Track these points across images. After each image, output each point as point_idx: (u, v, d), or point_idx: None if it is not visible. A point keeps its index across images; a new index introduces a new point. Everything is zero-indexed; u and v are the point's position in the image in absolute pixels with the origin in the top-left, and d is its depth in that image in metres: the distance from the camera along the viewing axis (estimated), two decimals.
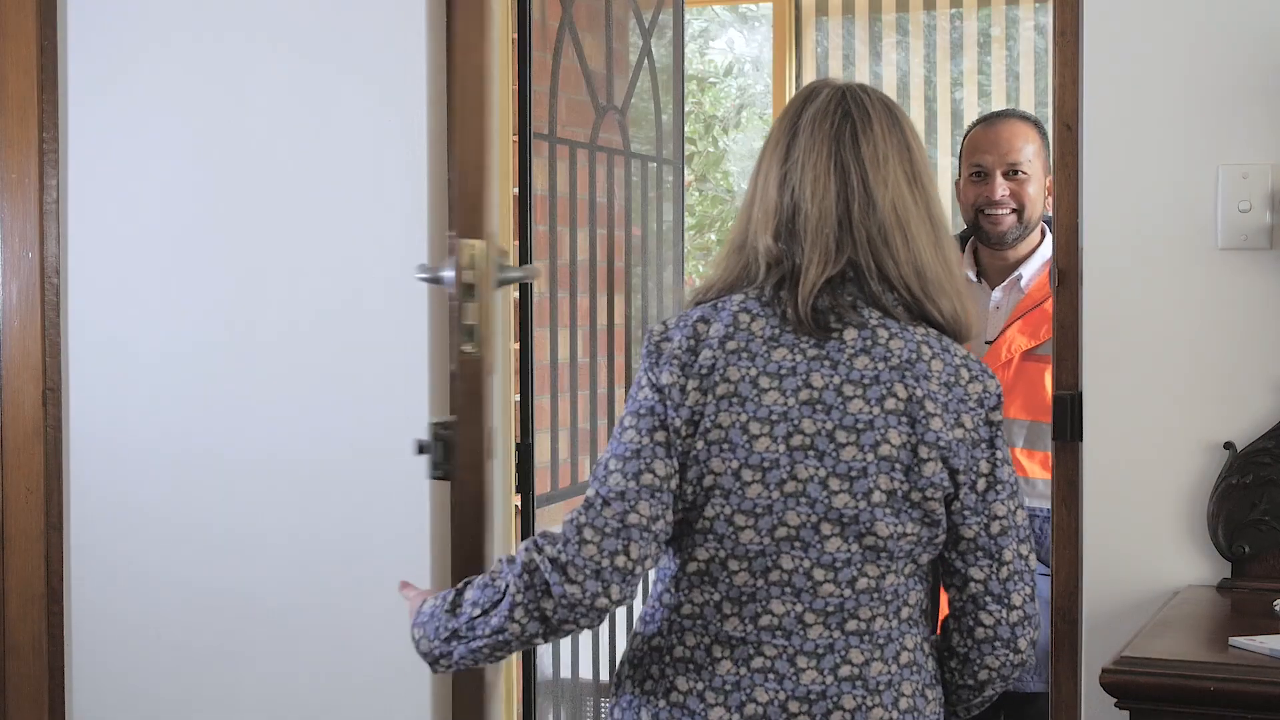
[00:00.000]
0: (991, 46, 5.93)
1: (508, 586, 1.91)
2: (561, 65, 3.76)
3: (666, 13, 4.24)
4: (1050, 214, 3.20)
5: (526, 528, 3.34)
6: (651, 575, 1.98)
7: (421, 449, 2.16)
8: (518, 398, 3.23)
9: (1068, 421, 2.60)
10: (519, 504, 3.15)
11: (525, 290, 3.34)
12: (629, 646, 2.02)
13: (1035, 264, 3.18)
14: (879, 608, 1.91)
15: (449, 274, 2.11)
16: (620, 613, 3.88)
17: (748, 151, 9.54)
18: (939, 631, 2.06)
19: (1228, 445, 2.52)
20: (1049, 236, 3.19)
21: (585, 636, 3.77)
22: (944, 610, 2.03)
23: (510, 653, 1.95)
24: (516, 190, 3.24)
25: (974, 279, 3.20)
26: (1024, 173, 3.14)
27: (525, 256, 3.33)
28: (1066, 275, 2.60)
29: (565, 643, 3.73)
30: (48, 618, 3.01)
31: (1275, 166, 2.50)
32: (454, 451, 2.11)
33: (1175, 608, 2.40)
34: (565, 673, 3.79)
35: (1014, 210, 3.14)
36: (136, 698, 3.11)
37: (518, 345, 3.24)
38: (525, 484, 3.17)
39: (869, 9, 6.06)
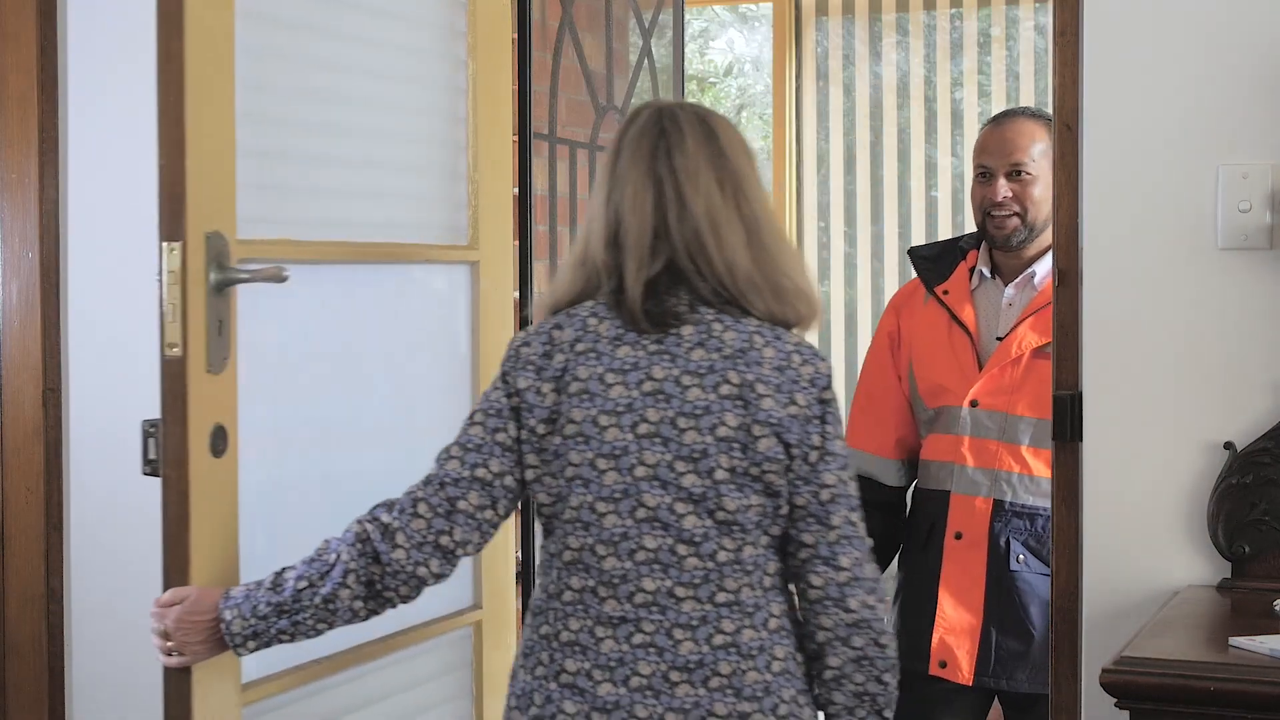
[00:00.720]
0: (991, 46, 5.93)
1: (339, 556, 2.12)
2: (561, 65, 3.76)
3: (666, 13, 4.24)
4: None
5: (527, 523, 3.34)
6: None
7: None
8: None
9: (1068, 421, 2.60)
10: None
11: (525, 290, 3.34)
12: (521, 640, 2.18)
13: (1049, 262, 3.14)
14: (743, 578, 2.08)
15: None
16: None
17: None
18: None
19: (1228, 445, 2.52)
20: None
21: None
22: None
23: (331, 626, 2.14)
24: (516, 190, 3.24)
25: (988, 275, 3.19)
26: (1028, 174, 3.11)
27: (525, 256, 3.33)
28: (1066, 275, 2.60)
29: None
30: (48, 618, 3.00)
31: (1275, 166, 2.50)
32: (160, 450, 2.25)
33: (1175, 608, 2.40)
34: None
35: (1017, 214, 3.12)
36: (136, 698, 3.11)
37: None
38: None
39: (869, 9, 6.06)
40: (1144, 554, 2.56)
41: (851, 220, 6.14)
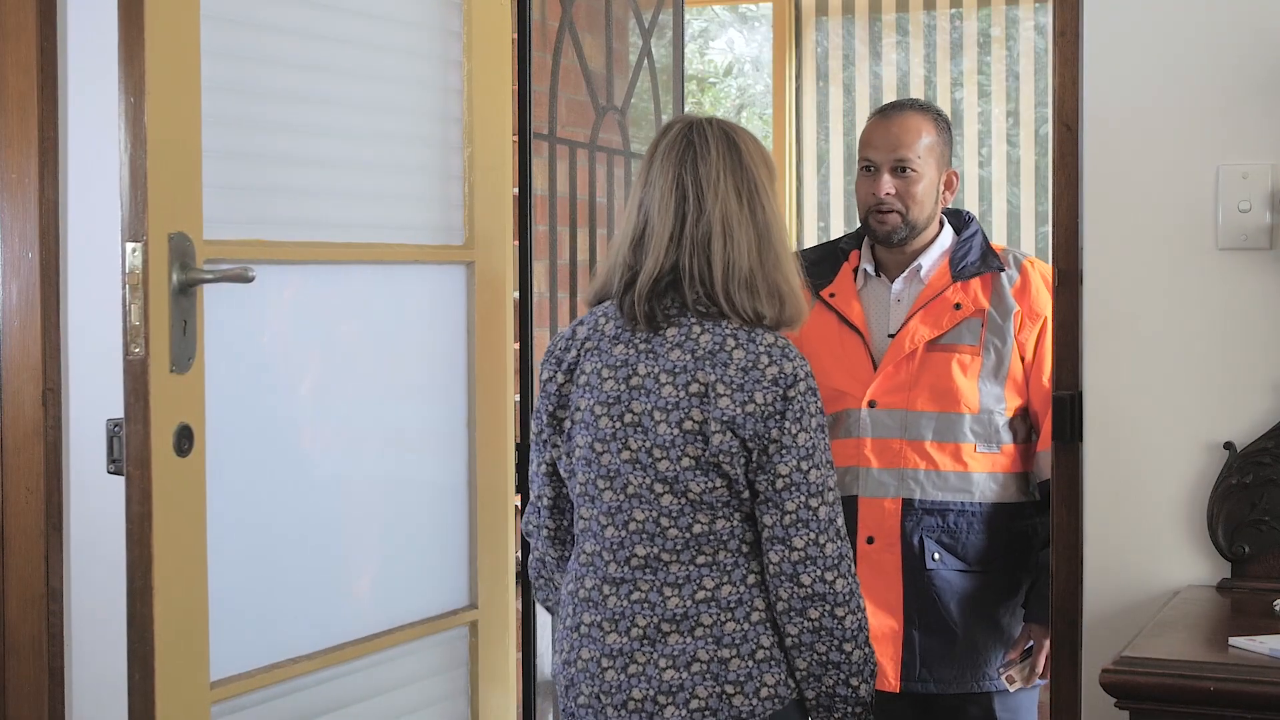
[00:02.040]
0: (991, 46, 5.93)
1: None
2: (561, 65, 3.76)
3: (666, 13, 4.24)
4: (951, 205, 3.16)
5: None
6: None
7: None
8: (518, 398, 3.23)
9: (1068, 421, 2.59)
10: (519, 504, 3.15)
11: (525, 290, 3.33)
12: None
13: (934, 254, 3.11)
14: (719, 544, 2.33)
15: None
16: None
17: None
18: None
19: (1228, 445, 2.52)
20: (948, 228, 3.15)
21: None
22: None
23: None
24: (516, 190, 3.24)
25: (873, 273, 3.15)
26: (913, 170, 3.05)
27: (525, 256, 3.33)
28: (1066, 275, 2.60)
29: None
30: (48, 618, 3.00)
31: (1275, 166, 2.51)
32: (123, 449, 2.30)
33: (1175, 608, 2.40)
34: None
35: (898, 211, 3.06)
36: None
37: (518, 345, 3.24)
38: (524, 484, 3.17)
39: (869, 9, 6.06)
40: (1144, 554, 2.56)
41: (851, 220, 6.14)
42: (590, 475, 2.39)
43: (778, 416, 2.30)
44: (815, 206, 6.16)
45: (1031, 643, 3.04)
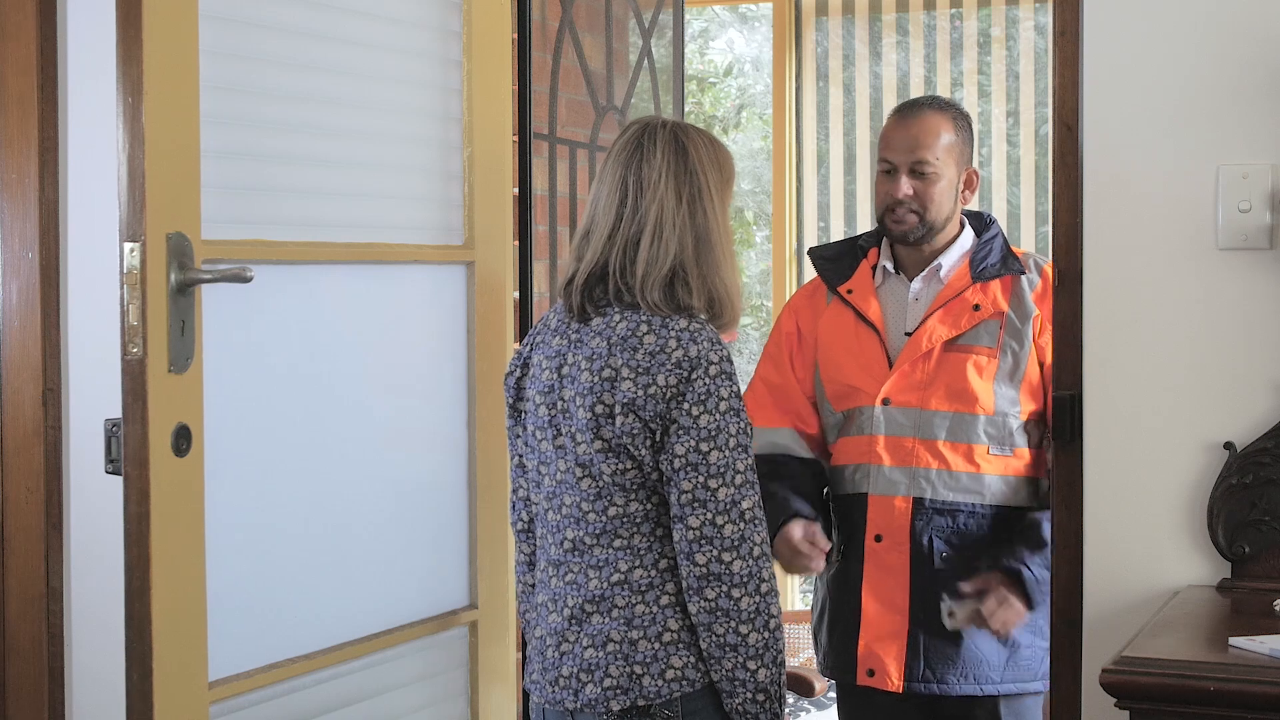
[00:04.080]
0: (991, 46, 5.94)
1: None
2: (561, 65, 3.76)
3: (666, 13, 4.24)
4: (969, 205, 3.14)
5: None
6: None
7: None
8: None
9: (1068, 421, 2.59)
10: None
11: (525, 290, 3.33)
12: None
13: (954, 254, 3.09)
14: (633, 528, 2.41)
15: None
16: None
17: (748, 152, 9.54)
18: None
19: (1228, 445, 2.52)
20: (968, 229, 3.13)
21: None
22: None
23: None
24: (516, 190, 3.24)
25: (892, 271, 3.13)
26: (932, 171, 3.03)
27: (525, 256, 3.32)
28: (1066, 275, 2.60)
29: None
30: (48, 618, 3.00)
31: (1275, 166, 2.51)
32: (121, 449, 2.31)
33: (1175, 608, 2.40)
34: None
35: (915, 211, 3.04)
36: None
37: (518, 345, 3.24)
38: None
39: (869, 9, 6.07)
40: (1144, 554, 2.56)
41: (851, 220, 6.14)
42: (534, 462, 2.50)
43: (678, 399, 2.35)
44: (815, 206, 6.16)
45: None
